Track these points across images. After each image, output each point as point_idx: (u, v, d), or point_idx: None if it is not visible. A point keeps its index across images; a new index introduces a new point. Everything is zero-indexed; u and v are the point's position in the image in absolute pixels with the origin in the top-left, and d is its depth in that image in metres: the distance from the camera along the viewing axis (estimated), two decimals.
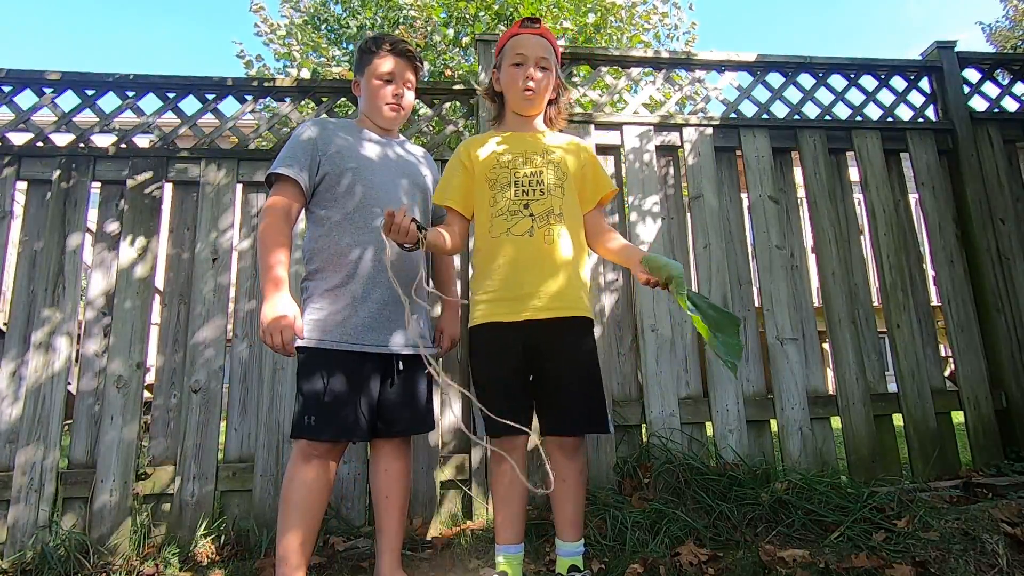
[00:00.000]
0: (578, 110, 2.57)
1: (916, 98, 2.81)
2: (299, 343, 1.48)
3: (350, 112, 4.66)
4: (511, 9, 5.60)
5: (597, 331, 2.29)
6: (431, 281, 1.67)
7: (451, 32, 5.66)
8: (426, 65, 5.78)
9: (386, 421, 1.55)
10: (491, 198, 1.55)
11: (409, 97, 1.71)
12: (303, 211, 1.65)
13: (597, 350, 1.58)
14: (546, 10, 5.69)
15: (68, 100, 21.52)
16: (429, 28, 5.62)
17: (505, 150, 1.60)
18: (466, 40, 5.76)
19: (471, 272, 1.61)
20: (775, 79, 2.69)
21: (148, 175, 2.28)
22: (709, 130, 2.54)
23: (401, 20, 5.78)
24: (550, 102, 1.68)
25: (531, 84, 1.57)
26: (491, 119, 1.77)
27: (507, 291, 1.49)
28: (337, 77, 5.27)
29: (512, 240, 1.50)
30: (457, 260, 2.24)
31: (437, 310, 2.12)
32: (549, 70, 1.60)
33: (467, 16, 5.66)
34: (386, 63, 1.66)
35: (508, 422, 1.35)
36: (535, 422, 1.56)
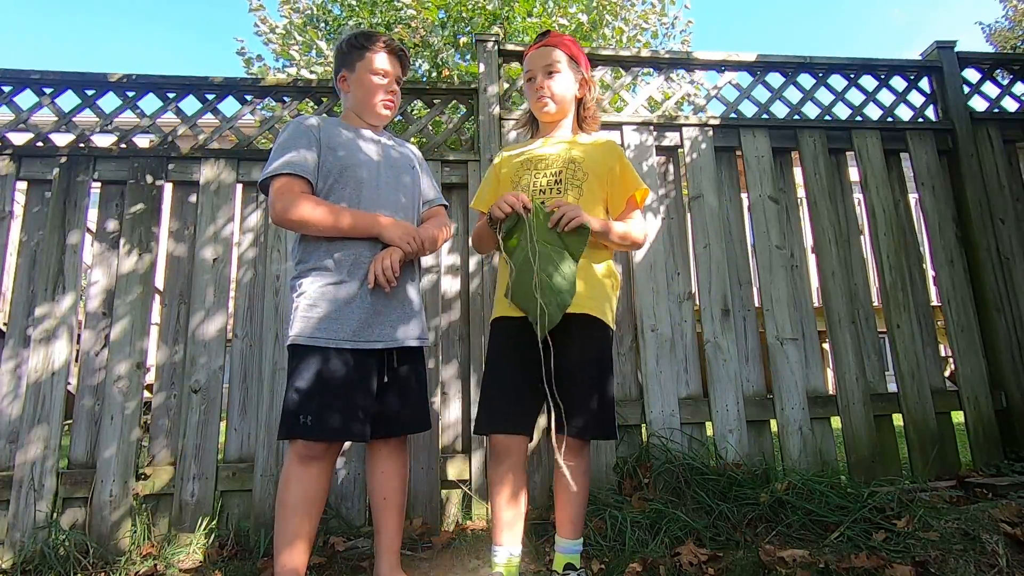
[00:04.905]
0: None
1: (916, 98, 2.81)
2: (292, 341, 1.46)
3: None
4: (506, 8, 5.60)
5: None
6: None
7: (448, 33, 5.66)
8: (424, 65, 5.78)
9: (383, 421, 1.53)
10: None
11: (399, 95, 1.71)
12: None
13: (610, 352, 1.55)
14: (540, 6, 5.69)
15: (68, 100, 21.51)
16: (425, 28, 5.62)
17: (530, 155, 1.64)
18: (464, 40, 5.76)
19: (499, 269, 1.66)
20: (775, 79, 2.70)
21: (148, 175, 2.28)
22: (709, 130, 2.54)
23: (398, 20, 5.77)
24: (578, 102, 1.69)
25: (540, 93, 1.63)
26: (528, 135, 1.82)
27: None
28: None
29: None
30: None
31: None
32: (558, 72, 1.62)
33: (464, 16, 5.66)
34: (381, 60, 1.63)
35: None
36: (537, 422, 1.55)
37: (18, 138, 2.33)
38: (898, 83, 2.83)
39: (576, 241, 1.46)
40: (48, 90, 2.36)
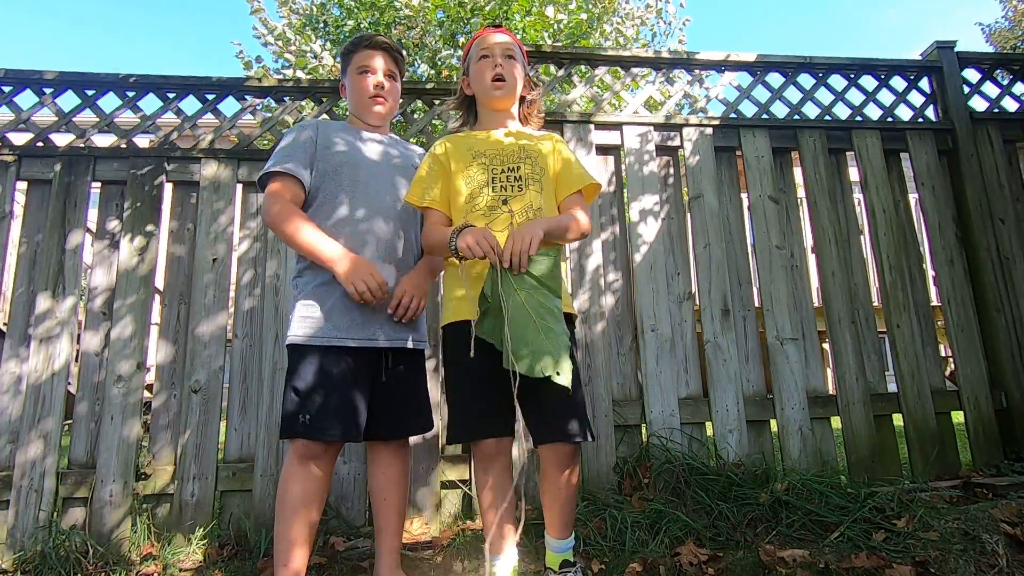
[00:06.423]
0: (577, 110, 2.57)
1: (916, 98, 2.81)
2: (291, 340, 1.46)
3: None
4: (504, 7, 5.60)
5: (597, 329, 2.29)
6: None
7: (447, 33, 5.67)
8: (423, 66, 5.78)
9: (384, 422, 1.53)
10: (468, 195, 1.50)
11: (394, 88, 1.69)
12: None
13: (575, 346, 1.49)
14: (538, 5, 5.69)
15: (68, 100, 21.51)
16: (423, 29, 5.62)
17: (482, 146, 1.56)
18: (462, 40, 5.77)
19: (445, 269, 1.59)
20: (775, 79, 2.70)
21: (148, 175, 2.28)
22: (709, 130, 2.54)
23: (396, 21, 5.77)
24: (522, 99, 1.66)
25: (499, 71, 1.56)
26: (462, 124, 1.74)
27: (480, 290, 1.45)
28: (336, 77, 5.27)
29: None
30: None
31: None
32: (516, 60, 1.60)
33: (462, 16, 5.66)
34: (364, 56, 1.66)
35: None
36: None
37: (18, 138, 2.33)
38: (898, 83, 2.84)
39: (550, 275, 1.34)
40: (48, 90, 2.36)
